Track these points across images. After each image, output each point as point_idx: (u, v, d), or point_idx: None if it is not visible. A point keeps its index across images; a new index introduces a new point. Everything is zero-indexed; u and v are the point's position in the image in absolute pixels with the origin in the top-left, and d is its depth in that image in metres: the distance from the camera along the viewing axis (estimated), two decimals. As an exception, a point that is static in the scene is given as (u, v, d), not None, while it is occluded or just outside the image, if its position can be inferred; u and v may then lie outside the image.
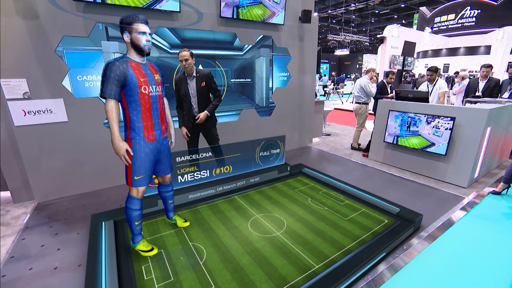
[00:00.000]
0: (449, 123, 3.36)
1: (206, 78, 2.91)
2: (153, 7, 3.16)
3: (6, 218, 2.75)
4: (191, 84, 2.90)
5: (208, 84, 2.92)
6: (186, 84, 2.89)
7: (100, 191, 3.33)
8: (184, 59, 2.71)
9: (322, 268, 1.88)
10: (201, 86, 2.89)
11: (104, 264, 1.85)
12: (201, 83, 2.89)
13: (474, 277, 1.91)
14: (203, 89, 2.92)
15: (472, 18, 14.24)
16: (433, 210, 2.83)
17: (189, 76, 2.88)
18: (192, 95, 2.92)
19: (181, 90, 2.91)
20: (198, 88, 2.89)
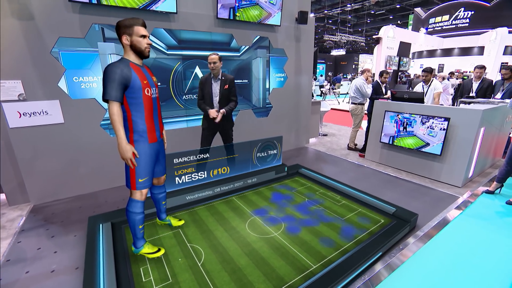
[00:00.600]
0: (443, 124, 3.41)
1: (230, 82, 3.13)
2: (150, 8, 3.16)
3: (1, 221, 2.72)
4: (215, 86, 3.10)
5: (230, 88, 3.14)
6: (210, 85, 3.09)
7: (96, 193, 3.31)
8: (212, 61, 2.92)
9: (320, 268, 1.90)
10: (224, 89, 3.10)
11: (102, 266, 1.84)
12: (225, 86, 3.10)
13: (469, 275, 1.94)
14: (225, 92, 3.11)
15: (466, 19, 14.43)
16: (429, 209, 2.87)
17: (214, 78, 3.08)
18: (214, 95, 3.11)
19: (204, 90, 3.12)
20: (221, 90, 3.09)
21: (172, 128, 3.79)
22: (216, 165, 3.15)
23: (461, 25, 14.64)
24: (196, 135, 4.02)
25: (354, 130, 5.07)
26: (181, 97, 3.81)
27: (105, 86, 1.64)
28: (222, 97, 3.11)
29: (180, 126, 3.90)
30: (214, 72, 3.01)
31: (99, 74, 3.10)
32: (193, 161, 2.94)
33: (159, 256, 2.01)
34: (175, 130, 3.81)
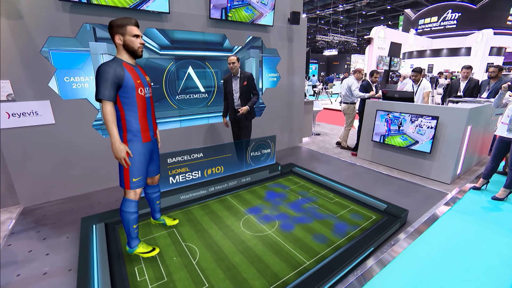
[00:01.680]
0: (431, 122, 3.50)
1: (248, 79, 3.43)
2: (140, 7, 3.13)
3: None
4: (235, 83, 3.44)
5: (249, 83, 3.43)
6: (231, 83, 3.45)
7: (89, 194, 3.28)
8: (231, 62, 3.29)
9: (313, 264, 1.93)
10: (243, 85, 3.42)
11: (96, 267, 1.83)
12: (244, 82, 3.41)
13: (458, 269, 2.01)
14: (245, 87, 3.42)
15: (453, 20, 14.79)
16: (419, 206, 2.94)
17: (234, 76, 3.43)
18: (235, 91, 3.45)
19: (227, 87, 3.48)
20: (241, 86, 3.42)
21: (165, 128, 3.78)
22: (210, 165, 3.16)
23: (449, 26, 15.00)
24: (190, 135, 4.03)
25: (347, 129, 5.14)
26: (174, 97, 3.80)
27: (98, 85, 1.63)
28: (242, 93, 3.43)
29: (174, 126, 3.89)
30: (233, 71, 3.36)
31: (91, 74, 3.07)
32: (187, 160, 2.94)
33: (153, 255, 2.01)
34: (168, 130, 3.80)
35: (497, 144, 3.16)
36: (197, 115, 4.09)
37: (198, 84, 3.98)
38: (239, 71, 3.42)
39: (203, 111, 4.14)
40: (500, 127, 3.11)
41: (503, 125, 3.06)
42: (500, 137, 3.11)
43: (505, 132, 3.00)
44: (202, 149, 3.06)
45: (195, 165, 3.03)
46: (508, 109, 3.03)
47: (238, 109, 3.41)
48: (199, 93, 4.03)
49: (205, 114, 4.18)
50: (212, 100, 4.18)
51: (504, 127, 3.03)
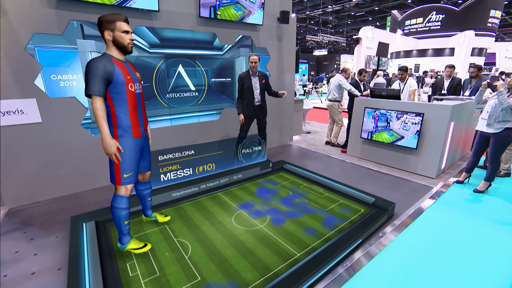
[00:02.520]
0: (415, 118, 3.62)
1: (265, 78, 3.77)
2: (125, 4, 3.10)
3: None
4: (255, 80, 3.68)
5: (266, 81, 3.78)
6: (250, 80, 3.65)
7: (78, 194, 3.23)
8: (254, 61, 3.54)
9: (304, 256, 1.98)
10: (262, 83, 3.72)
11: (87, 264, 1.82)
12: (262, 81, 3.72)
13: (443, 259, 2.09)
14: (263, 85, 3.75)
15: (438, 22, 15.26)
16: (406, 199, 3.03)
17: (253, 74, 3.67)
18: (255, 88, 3.70)
19: (245, 84, 3.64)
20: (260, 84, 3.71)
21: (156, 126, 3.76)
22: (202, 162, 3.17)
23: (434, 27, 15.46)
24: (181, 133, 4.02)
25: (338, 126, 5.21)
26: (165, 95, 3.79)
27: (87, 81, 1.62)
28: (261, 90, 3.74)
29: (164, 125, 3.87)
30: (254, 70, 3.61)
31: (79, 72, 3.03)
32: (178, 158, 2.94)
33: (145, 251, 2.01)
34: (158, 129, 3.78)
35: (478, 139, 3.30)
36: (187, 114, 4.09)
37: (188, 83, 3.98)
38: (257, 70, 3.70)
39: (194, 110, 4.14)
40: (480, 123, 3.24)
41: (483, 121, 3.20)
42: (481, 132, 3.25)
43: (485, 127, 3.14)
44: (193, 146, 3.07)
45: (187, 162, 3.04)
46: (487, 105, 3.17)
47: (280, 93, 3.67)
48: (189, 92, 4.02)
49: (196, 113, 4.17)
50: (202, 98, 4.18)
51: (484, 123, 3.17)
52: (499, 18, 15.06)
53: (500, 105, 2.90)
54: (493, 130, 3.04)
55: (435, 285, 1.82)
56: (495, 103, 2.98)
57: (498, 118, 2.97)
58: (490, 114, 3.05)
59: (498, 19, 15.09)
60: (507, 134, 2.96)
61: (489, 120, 3.06)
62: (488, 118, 3.08)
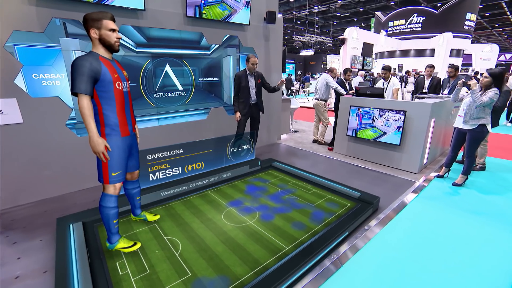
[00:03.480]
0: (395, 115, 3.77)
1: (261, 77, 3.91)
2: (105, 2, 3.03)
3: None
4: (251, 79, 3.82)
5: (262, 81, 3.94)
6: (247, 79, 3.78)
7: (63, 196, 3.15)
8: (255, 63, 3.70)
9: (292, 249, 2.03)
10: (258, 82, 3.88)
11: (75, 265, 1.80)
12: (258, 80, 3.86)
13: (424, 250, 2.19)
14: (259, 84, 3.91)
15: (419, 24, 15.84)
16: (390, 194, 3.15)
17: (250, 74, 3.80)
18: (251, 87, 3.84)
19: (242, 83, 3.77)
20: (256, 83, 3.85)
21: (144, 126, 3.72)
22: (191, 161, 3.17)
23: (415, 29, 16.02)
24: (169, 133, 4.00)
25: (325, 125, 5.32)
26: (152, 95, 3.76)
27: (73, 79, 1.61)
28: (257, 89, 3.89)
29: (152, 125, 3.84)
30: (253, 70, 3.75)
31: (62, 71, 2.96)
32: (166, 157, 2.94)
33: (135, 250, 2.01)
34: (146, 129, 3.75)
35: (455, 135, 3.48)
36: (175, 113, 4.07)
37: (176, 82, 3.97)
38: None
39: (182, 109, 4.12)
40: (457, 120, 3.42)
41: (459, 118, 3.37)
42: (458, 128, 3.42)
43: (461, 124, 3.31)
44: (182, 145, 3.07)
45: (175, 161, 3.03)
46: (463, 103, 3.34)
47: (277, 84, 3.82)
48: (177, 91, 4.01)
49: (184, 112, 4.16)
50: (190, 98, 4.17)
51: (460, 120, 3.34)
52: (474, 21, 15.81)
53: (474, 103, 3.06)
54: (468, 126, 3.21)
55: (419, 275, 1.91)
56: (470, 101, 3.15)
57: (473, 115, 3.14)
58: (466, 112, 3.22)
59: (474, 22, 15.84)
60: (481, 130, 3.14)
61: (465, 117, 3.23)
62: (464, 115, 3.25)
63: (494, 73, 3.01)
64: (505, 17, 18.79)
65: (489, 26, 21.65)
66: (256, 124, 4.12)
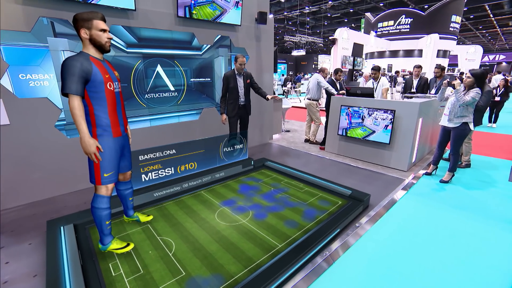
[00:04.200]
0: (383, 114, 3.87)
1: (250, 77, 3.86)
2: (91, 1, 2.99)
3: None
4: (240, 80, 3.76)
5: (251, 81, 3.88)
6: (235, 80, 3.72)
7: (54, 199, 3.10)
8: (243, 63, 3.64)
9: (285, 247, 2.06)
10: (247, 83, 3.82)
11: (67, 267, 1.78)
12: (247, 80, 3.81)
13: (414, 244, 2.25)
14: (248, 85, 3.85)
15: (407, 25, 16.18)
16: (380, 191, 3.22)
17: (239, 74, 3.74)
18: (240, 88, 3.78)
19: (230, 84, 3.70)
20: (245, 83, 3.80)
21: (135, 127, 3.69)
22: (183, 161, 3.17)
23: (404, 30, 16.35)
24: (160, 134, 3.98)
25: (316, 124, 5.38)
26: (143, 96, 3.73)
27: (64, 79, 1.59)
28: (246, 90, 3.83)
29: (143, 126, 3.81)
30: (241, 70, 3.70)
31: (51, 71, 2.91)
32: (159, 157, 2.92)
33: (128, 250, 2.00)
34: (138, 130, 3.71)
35: (441, 133, 3.60)
36: (167, 114, 4.05)
37: (167, 83, 3.95)
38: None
39: (174, 110, 4.11)
40: (443, 118, 3.53)
41: (445, 116, 3.48)
42: (443, 126, 3.54)
43: (446, 122, 3.42)
44: (175, 145, 3.06)
45: (168, 162, 3.02)
46: (448, 102, 3.45)
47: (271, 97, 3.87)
48: (168, 92, 3.99)
49: (176, 113, 4.15)
50: (182, 98, 4.16)
51: (445, 118, 3.45)
52: (459, 23, 16.27)
53: (457, 102, 3.18)
54: (453, 124, 3.33)
55: (409, 270, 1.96)
56: (454, 100, 3.27)
57: (457, 114, 3.26)
58: (450, 110, 3.34)
59: (459, 24, 16.30)
60: (464, 128, 3.28)
61: (450, 115, 3.35)
62: (448, 114, 3.37)
63: (476, 73, 3.15)
64: (488, 20, 19.41)
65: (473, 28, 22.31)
66: (244, 126, 4.05)
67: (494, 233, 2.42)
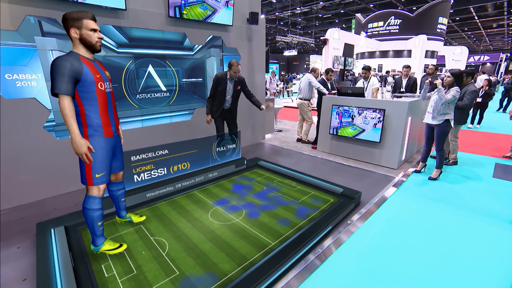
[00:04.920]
0: (372, 114, 3.95)
1: (241, 83, 3.74)
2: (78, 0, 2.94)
3: None
4: (230, 85, 3.64)
5: (242, 87, 3.77)
6: (226, 84, 3.60)
7: (43, 201, 3.04)
8: (238, 71, 3.54)
9: (278, 244, 2.09)
10: (237, 89, 3.71)
11: (58, 269, 1.76)
12: (237, 86, 3.70)
13: (406, 241, 2.31)
14: (238, 91, 3.75)
15: (396, 26, 16.51)
16: (371, 189, 3.29)
17: (230, 79, 3.61)
18: (228, 92, 3.67)
19: (219, 86, 3.58)
20: (235, 89, 3.69)
21: (127, 128, 3.66)
22: (176, 161, 3.16)
23: (393, 30, 16.68)
24: (152, 134, 3.95)
25: (308, 124, 5.44)
26: (135, 96, 3.70)
27: (54, 79, 1.58)
28: (233, 95, 3.72)
29: (135, 126, 3.78)
30: (235, 76, 3.58)
31: (39, 71, 2.86)
32: (151, 158, 2.91)
33: (121, 251, 1.98)
34: (129, 130, 3.68)
35: (426, 130, 3.73)
36: (159, 114, 4.03)
37: (159, 83, 3.92)
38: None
39: (166, 110, 4.09)
40: (427, 116, 3.65)
41: (428, 114, 3.60)
42: (427, 124, 3.66)
43: (430, 120, 3.54)
44: (167, 145, 3.05)
45: (160, 162, 3.01)
46: (431, 101, 3.57)
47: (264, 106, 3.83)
48: (160, 92, 3.97)
49: (168, 113, 4.12)
50: (174, 99, 4.14)
51: (429, 116, 3.57)
52: (446, 24, 16.71)
53: (440, 100, 3.32)
54: (436, 121, 3.46)
55: (400, 265, 2.01)
56: (437, 99, 3.40)
57: (440, 111, 3.40)
58: (434, 108, 3.46)
59: (445, 26, 16.73)
60: (446, 125, 3.42)
61: (433, 113, 3.48)
62: (432, 111, 3.49)
63: (455, 73, 3.35)
64: (473, 22, 19.99)
65: (459, 29, 22.93)
66: (233, 127, 3.98)
67: (479, 228, 2.51)
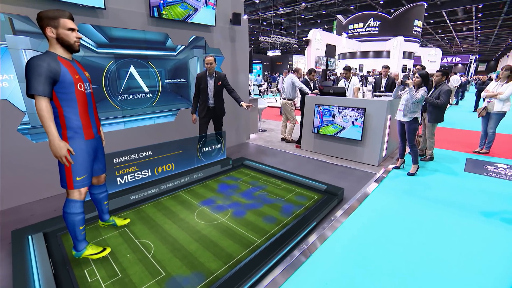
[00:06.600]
0: (351, 113, 4.09)
1: (222, 79, 3.71)
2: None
3: None
4: (211, 82, 3.64)
5: (223, 83, 3.73)
6: (206, 81, 3.62)
7: (19, 208, 2.90)
8: (209, 62, 3.48)
9: (264, 242, 2.13)
10: (218, 85, 3.67)
11: (37, 278, 1.69)
12: (218, 82, 3.66)
13: (387, 235, 2.40)
14: (219, 87, 3.71)
15: (375, 27, 17.07)
16: (354, 186, 3.40)
17: (210, 76, 3.62)
18: (210, 90, 3.67)
19: (201, 85, 3.63)
20: (215, 85, 3.66)
21: (108, 130, 3.56)
22: (161, 163, 3.12)
23: (372, 32, 17.23)
24: (135, 136, 3.87)
25: (292, 123, 5.52)
26: (116, 97, 3.61)
27: (29, 80, 1.52)
28: (216, 91, 3.69)
29: (117, 128, 3.69)
30: (210, 71, 3.56)
31: (10, 71, 2.73)
32: (135, 159, 2.86)
33: (104, 255, 1.94)
34: (111, 132, 3.59)
35: (398, 127, 3.94)
36: (142, 116, 3.96)
37: (141, 84, 3.85)
38: (214, 71, 3.62)
39: (149, 111, 4.02)
40: (398, 113, 3.83)
41: (399, 112, 3.78)
42: (399, 121, 3.86)
43: (401, 117, 3.73)
44: (151, 147, 3.01)
45: (144, 163, 2.96)
46: (402, 99, 3.76)
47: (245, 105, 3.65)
48: (143, 93, 3.90)
49: (151, 114, 4.06)
50: (157, 100, 4.08)
51: (400, 113, 3.76)
52: (421, 27, 17.50)
53: (411, 99, 3.54)
54: (406, 119, 3.67)
55: (382, 258, 2.08)
56: (407, 98, 3.59)
57: (410, 109, 3.62)
58: (405, 107, 3.66)
59: (421, 28, 17.52)
60: (415, 122, 3.65)
61: (404, 111, 3.68)
62: (403, 109, 3.67)
63: (422, 74, 3.62)
64: (445, 25, 21.05)
65: (433, 32, 24.05)
66: (219, 127, 3.99)
67: (454, 219, 2.65)
